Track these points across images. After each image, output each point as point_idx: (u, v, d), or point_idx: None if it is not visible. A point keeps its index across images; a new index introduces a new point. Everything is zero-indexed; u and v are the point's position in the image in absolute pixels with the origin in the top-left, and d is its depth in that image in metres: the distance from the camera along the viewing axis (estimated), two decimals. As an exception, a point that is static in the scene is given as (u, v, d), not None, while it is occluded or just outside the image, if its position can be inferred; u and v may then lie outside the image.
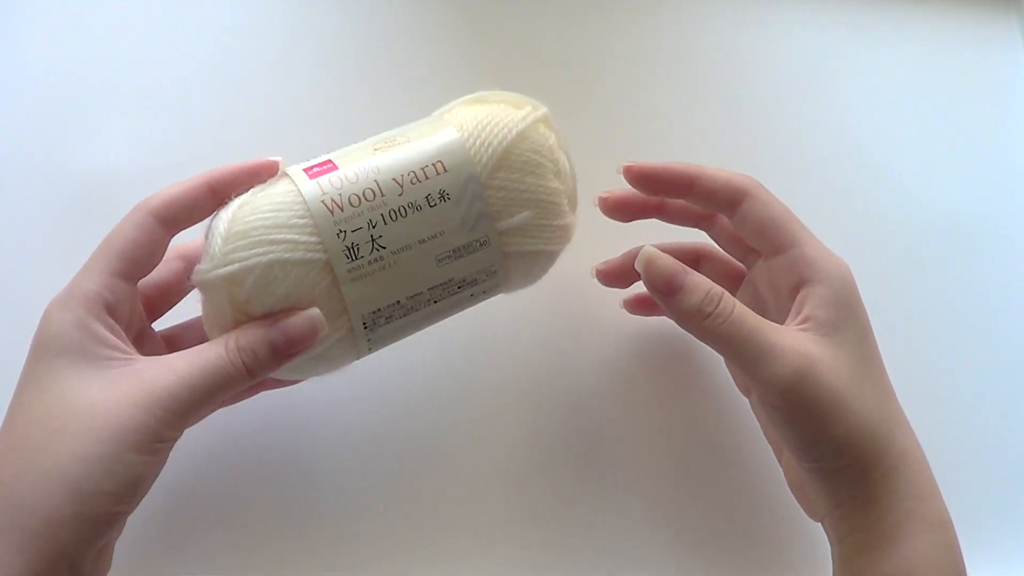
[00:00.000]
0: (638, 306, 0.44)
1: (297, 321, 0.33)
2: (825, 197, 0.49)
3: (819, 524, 0.37)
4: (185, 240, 0.37)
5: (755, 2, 0.53)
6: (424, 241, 0.34)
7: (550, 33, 0.51)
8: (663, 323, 0.44)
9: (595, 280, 0.43)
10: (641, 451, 0.44)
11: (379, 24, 0.49)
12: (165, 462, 0.32)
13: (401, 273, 0.34)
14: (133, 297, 0.34)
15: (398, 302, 0.34)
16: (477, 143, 0.36)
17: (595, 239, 0.41)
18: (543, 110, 0.38)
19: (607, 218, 0.42)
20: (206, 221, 0.35)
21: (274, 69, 0.47)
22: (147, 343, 0.36)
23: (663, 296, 0.35)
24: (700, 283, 0.35)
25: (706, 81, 0.51)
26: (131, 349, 0.33)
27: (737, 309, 0.34)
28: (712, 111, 0.51)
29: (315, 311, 0.33)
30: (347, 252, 0.33)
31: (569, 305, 0.45)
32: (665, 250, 0.36)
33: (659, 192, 0.40)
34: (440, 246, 0.34)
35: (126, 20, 0.46)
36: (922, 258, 0.50)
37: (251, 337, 0.33)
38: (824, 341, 0.35)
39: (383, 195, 0.34)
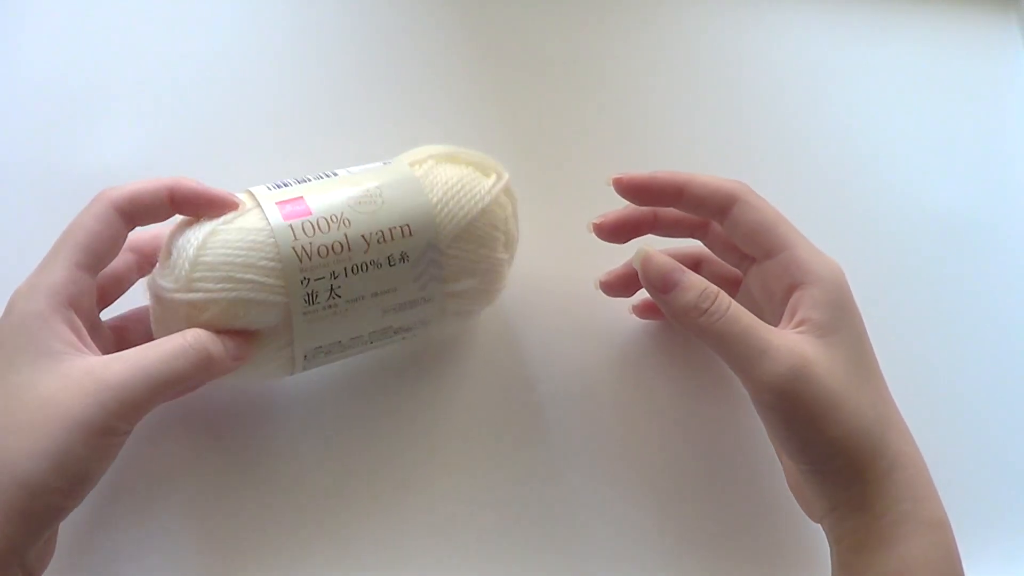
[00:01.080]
0: (646, 311, 0.44)
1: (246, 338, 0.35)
2: (824, 197, 0.50)
3: (819, 525, 0.37)
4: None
5: (754, 2, 0.53)
6: (376, 294, 0.37)
7: (549, 34, 0.50)
8: (664, 326, 0.45)
9: (597, 289, 0.43)
10: (641, 451, 0.44)
11: (379, 24, 0.48)
12: (115, 457, 0.33)
13: (349, 319, 0.37)
14: (92, 289, 0.35)
15: (339, 342, 0.37)
16: (444, 212, 0.38)
17: (594, 248, 0.42)
18: (506, 178, 0.40)
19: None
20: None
21: (274, 69, 0.47)
22: (96, 333, 0.36)
23: (659, 293, 0.36)
24: (696, 281, 0.35)
25: (705, 81, 0.51)
26: (88, 343, 0.34)
27: (732, 308, 0.35)
28: (711, 111, 0.51)
29: None
30: (306, 297, 0.36)
31: (571, 307, 0.45)
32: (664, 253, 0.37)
33: (649, 202, 0.40)
34: (390, 300, 0.37)
35: (126, 20, 0.46)
36: (921, 258, 0.50)
37: (210, 335, 0.34)
38: (819, 342, 0.35)
39: (350, 250, 0.36)
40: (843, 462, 0.34)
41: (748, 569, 0.43)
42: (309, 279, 0.36)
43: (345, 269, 0.36)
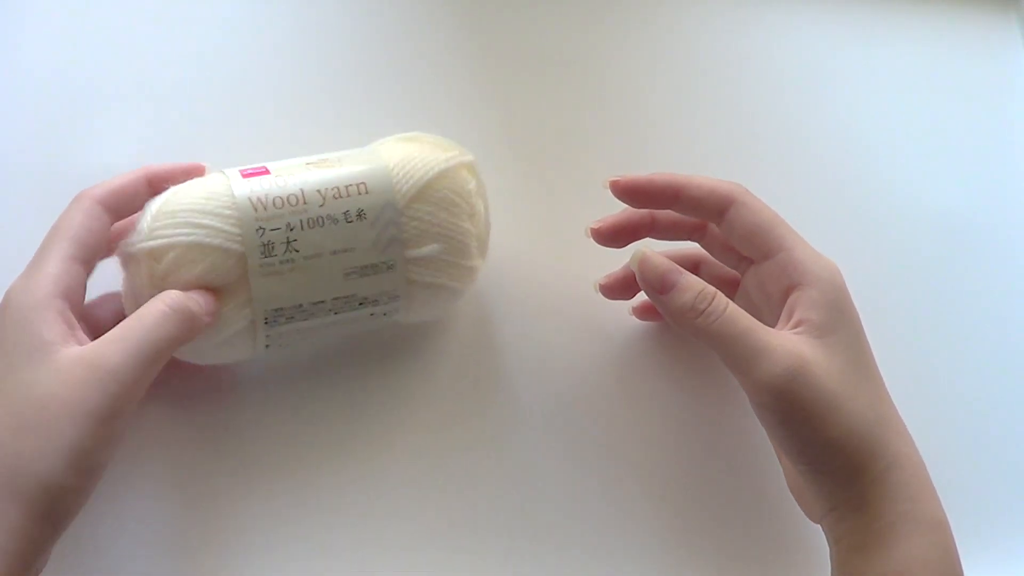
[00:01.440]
0: (646, 312, 0.45)
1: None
2: (824, 197, 0.50)
3: (819, 525, 0.38)
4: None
5: (754, 2, 0.53)
6: (335, 253, 0.37)
7: (547, 33, 0.50)
8: (661, 327, 0.46)
9: (596, 292, 0.44)
10: (641, 452, 0.44)
11: (379, 23, 0.48)
12: (121, 442, 0.33)
13: (308, 278, 0.37)
14: (84, 282, 0.35)
15: (300, 306, 0.37)
16: (401, 173, 0.38)
17: (591, 249, 0.42)
18: (469, 157, 0.41)
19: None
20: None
21: (275, 68, 0.47)
22: (85, 327, 0.36)
23: (656, 293, 0.36)
24: (693, 282, 0.36)
25: (704, 81, 0.52)
26: (80, 336, 0.34)
27: (730, 308, 0.35)
28: (710, 111, 0.51)
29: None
30: (262, 248, 0.36)
31: (567, 308, 0.46)
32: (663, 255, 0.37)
33: (646, 204, 0.40)
34: (349, 261, 0.38)
35: (127, 19, 0.46)
36: (921, 258, 0.50)
37: (183, 293, 0.35)
38: (817, 343, 0.35)
39: (305, 203, 0.37)
40: (841, 462, 0.34)
41: (747, 569, 0.43)
42: (264, 229, 0.36)
43: (301, 222, 0.37)
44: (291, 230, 0.37)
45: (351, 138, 0.41)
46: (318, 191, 0.37)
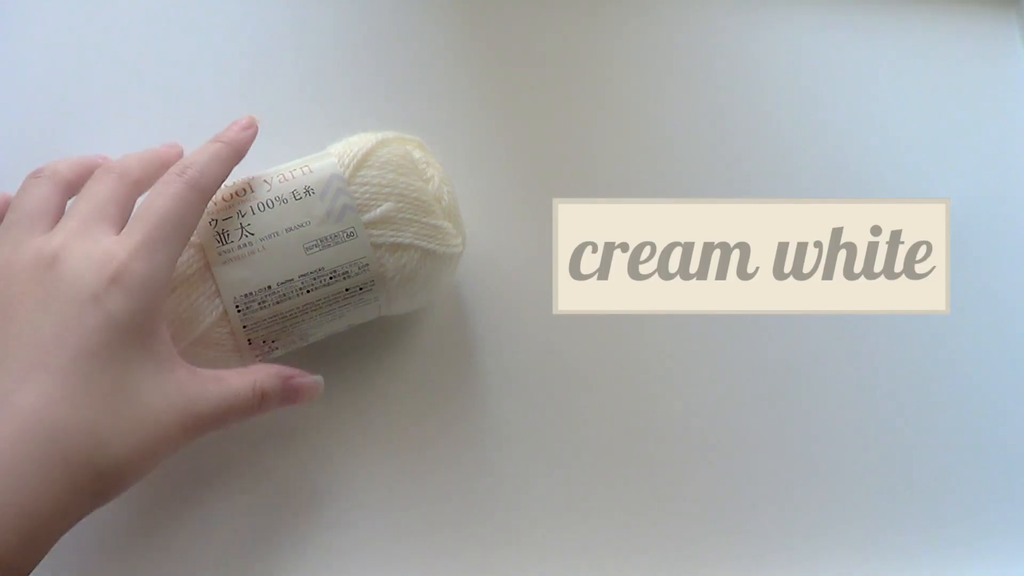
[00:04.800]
0: None
1: (306, 379, 0.38)
2: (823, 197, 0.50)
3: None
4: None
5: (753, 3, 0.54)
6: (291, 229, 0.38)
7: (549, 34, 0.51)
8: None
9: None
10: (622, 449, 0.45)
11: (380, 24, 0.50)
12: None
13: (270, 257, 0.37)
14: None
15: (269, 287, 0.37)
16: (343, 150, 0.40)
17: None
18: (416, 139, 0.42)
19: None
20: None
21: (278, 69, 0.48)
22: None
23: None
24: None
25: (702, 81, 0.52)
26: (173, 350, 0.35)
27: None
28: (709, 111, 0.51)
29: (319, 378, 0.38)
30: (218, 237, 0.37)
31: (561, 314, 0.46)
32: None
33: None
34: (307, 235, 0.38)
35: (126, 20, 0.47)
36: None
37: (272, 383, 0.37)
38: None
39: (253, 192, 0.38)
40: None
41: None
42: (217, 220, 0.38)
43: (252, 208, 0.38)
44: (243, 216, 0.38)
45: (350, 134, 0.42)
46: (264, 180, 0.39)
